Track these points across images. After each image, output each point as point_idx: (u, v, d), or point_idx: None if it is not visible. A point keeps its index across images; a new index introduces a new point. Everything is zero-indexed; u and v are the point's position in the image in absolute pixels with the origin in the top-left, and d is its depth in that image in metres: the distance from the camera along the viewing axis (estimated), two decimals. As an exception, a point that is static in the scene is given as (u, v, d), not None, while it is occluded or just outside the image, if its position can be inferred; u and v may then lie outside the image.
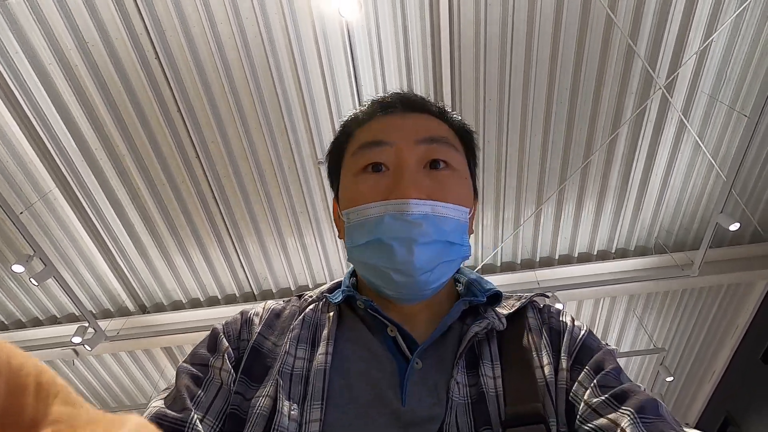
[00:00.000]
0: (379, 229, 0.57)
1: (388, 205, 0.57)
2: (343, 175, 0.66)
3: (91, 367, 4.86)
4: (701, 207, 4.21)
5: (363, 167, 0.62)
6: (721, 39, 3.38)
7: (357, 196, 0.61)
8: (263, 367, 0.57)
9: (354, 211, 0.60)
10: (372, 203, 0.58)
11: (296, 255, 4.31)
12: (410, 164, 0.60)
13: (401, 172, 0.59)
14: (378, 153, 0.61)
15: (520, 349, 0.59)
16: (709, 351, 5.31)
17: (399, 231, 0.56)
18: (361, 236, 0.59)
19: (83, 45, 3.14)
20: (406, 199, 0.56)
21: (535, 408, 0.51)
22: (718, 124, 3.78)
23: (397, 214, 0.56)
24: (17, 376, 0.18)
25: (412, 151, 0.61)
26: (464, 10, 3.20)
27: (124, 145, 3.57)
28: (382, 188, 0.59)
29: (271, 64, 3.29)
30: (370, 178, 0.61)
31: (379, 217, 0.57)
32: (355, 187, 0.62)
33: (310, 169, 3.83)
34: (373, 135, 0.63)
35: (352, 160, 0.64)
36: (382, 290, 0.62)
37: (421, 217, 0.56)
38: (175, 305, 4.57)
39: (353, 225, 0.60)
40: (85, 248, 4.09)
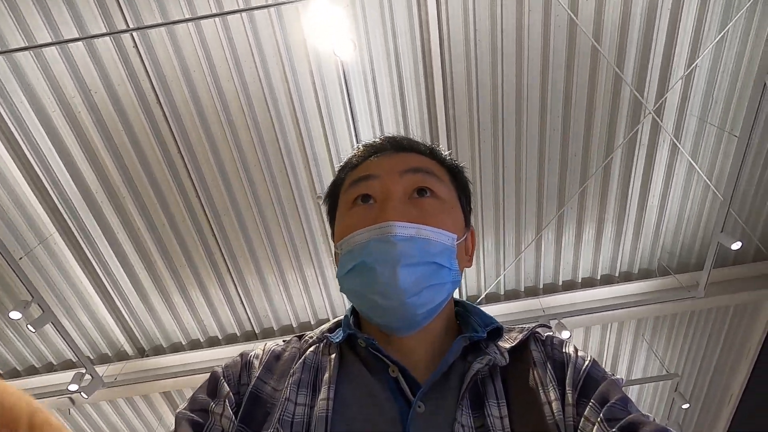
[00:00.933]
0: (364, 252, 0.58)
1: (372, 230, 0.58)
2: (338, 213, 0.69)
3: (87, 415, 4.70)
4: (701, 227, 4.21)
5: (353, 200, 0.65)
6: (705, 63, 3.49)
7: (347, 228, 0.62)
8: (262, 413, 0.56)
9: (344, 241, 0.61)
10: (359, 230, 0.60)
11: (297, 291, 4.26)
12: (395, 193, 0.62)
13: (386, 200, 0.61)
14: (365, 186, 0.64)
15: (526, 385, 0.57)
16: (723, 374, 5.16)
17: (382, 253, 0.57)
18: (348, 263, 0.60)
19: (86, 92, 3.23)
20: (390, 221, 0.57)
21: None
22: (710, 145, 3.84)
23: (381, 238, 0.57)
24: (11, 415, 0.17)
25: (397, 182, 0.63)
26: (454, 46, 3.31)
27: (125, 186, 3.60)
28: (370, 218, 0.60)
29: (269, 102, 3.38)
30: (359, 209, 0.63)
31: (365, 242, 0.58)
32: (346, 219, 0.64)
33: (309, 204, 3.85)
34: (359, 172, 0.67)
35: (344, 197, 0.67)
36: (373, 320, 0.61)
37: (405, 239, 0.57)
38: (174, 347, 4.48)
39: (343, 254, 0.62)
40: (84, 292, 4.05)
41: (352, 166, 0.71)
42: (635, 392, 5.21)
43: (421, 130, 3.63)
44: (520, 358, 0.61)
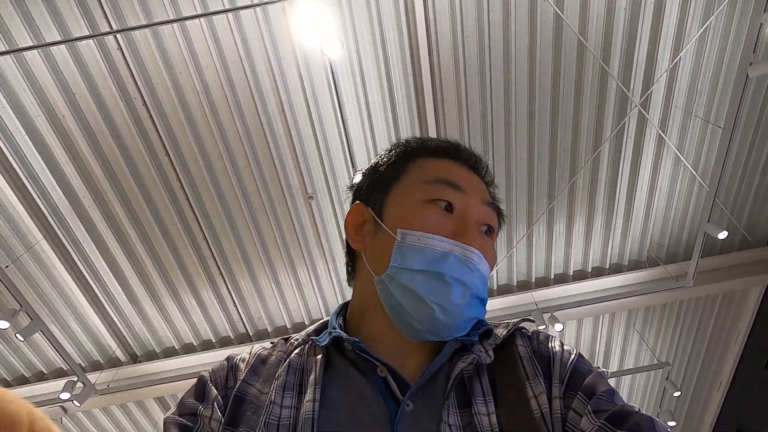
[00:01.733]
0: (443, 265, 0.58)
1: (456, 245, 0.60)
2: (401, 194, 0.66)
3: (80, 423, 4.64)
4: (688, 218, 4.28)
5: (433, 200, 0.63)
6: (689, 56, 3.54)
7: (421, 223, 0.61)
8: (247, 415, 0.56)
9: (416, 235, 0.60)
10: (439, 236, 0.60)
11: (290, 292, 4.24)
12: (475, 220, 0.64)
13: (468, 224, 0.63)
14: (453, 195, 0.64)
15: (513, 380, 0.58)
16: (713, 362, 5.26)
17: (462, 274, 0.59)
18: (418, 262, 0.59)
19: (70, 96, 3.18)
20: (474, 249, 0.60)
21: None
22: (695, 137, 3.90)
23: (462, 258, 0.59)
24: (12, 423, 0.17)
25: (478, 209, 0.65)
26: (442, 43, 3.32)
27: (112, 191, 3.56)
28: (448, 228, 0.61)
29: (258, 103, 3.36)
30: (439, 212, 0.62)
31: (444, 253, 0.59)
32: (420, 213, 0.62)
33: (301, 204, 3.83)
34: (452, 176, 0.66)
35: (423, 187, 0.65)
36: (409, 321, 0.59)
37: (478, 271, 0.60)
38: (167, 352, 4.44)
39: (410, 247, 0.60)
40: (73, 299, 3.99)
41: (428, 150, 0.70)
42: (627, 382, 5.29)
43: (410, 127, 3.63)
44: (506, 353, 0.61)
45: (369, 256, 0.65)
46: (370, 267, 0.64)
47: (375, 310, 0.64)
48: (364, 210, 0.68)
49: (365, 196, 0.70)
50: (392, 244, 0.61)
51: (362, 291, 0.68)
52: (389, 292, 0.60)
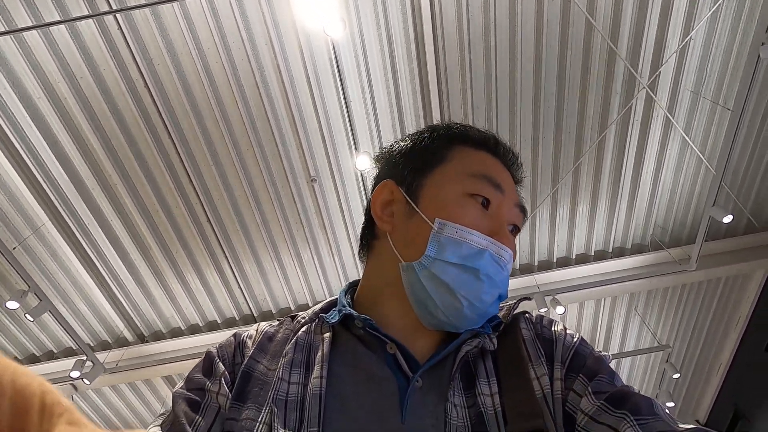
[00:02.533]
0: (479, 261, 0.60)
1: (492, 243, 0.61)
2: (440, 182, 0.65)
3: (90, 401, 4.76)
4: (693, 201, 4.25)
5: (473, 194, 0.63)
6: (699, 36, 3.46)
7: (461, 216, 0.61)
8: (255, 390, 0.56)
9: (455, 227, 0.60)
10: (478, 232, 0.61)
11: (294, 274, 4.28)
12: (508, 221, 0.66)
13: (503, 224, 0.64)
14: (493, 194, 0.64)
15: (516, 362, 0.58)
16: (713, 345, 5.30)
17: (494, 273, 0.61)
18: (454, 255, 0.59)
19: (71, 77, 3.15)
20: (509, 249, 0.63)
21: (538, 425, 0.51)
22: (703, 119, 3.84)
23: (496, 257, 0.61)
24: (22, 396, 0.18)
25: (511, 210, 0.66)
26: (447, 23, 3.25)
27: (116, 173, 3.56)
28: (485, 225, 0.62)
29: (260, 85, 3.32)
30: (477, 208, 0.63)
31: (481, 250, 0.60)
32: (460, 206, 0.62)
33: (304, 186, 3.83)
34: (493, 173, 0.66)
35: (465, 179, 0.64)
36: (433, 311, 0.60)
37: (507, 270, 0.63)
38: (174, 332, 4.51)
39: (447, 238, 0.60)
40: (80, 280, 4.05)
41: (468, 138, 0.70)
42: (628, 364, 5.35)
43: (414, 108, 3.59)
44: (510, 336, 0.62)
45: (397, 240, 0.64)
46: (398, 251, 0.63)
47: (393, 293, 0.63)
48: (396, 189, 0.67)
49: (398, 174, 0.68)
50: (427, 233, 0.60)
51: (380, 272, 0.67)
52: (418, 280, 0.60)
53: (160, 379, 4.68)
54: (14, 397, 0.17)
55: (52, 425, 0.19)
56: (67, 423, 0.19)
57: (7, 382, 0.17)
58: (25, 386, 0.18)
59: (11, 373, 0.17)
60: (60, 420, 0.19)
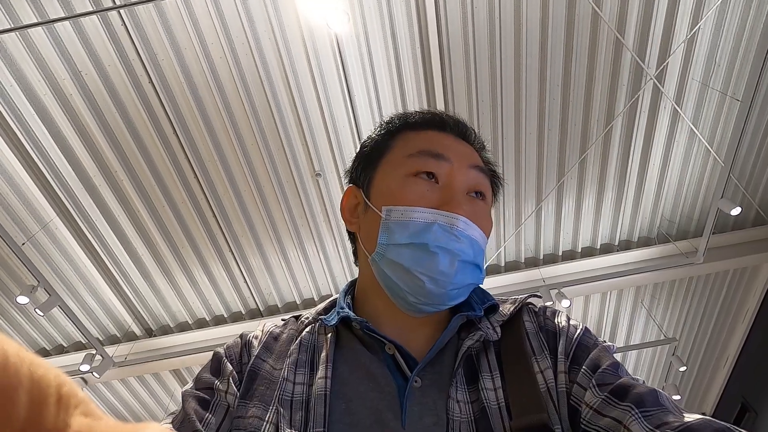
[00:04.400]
0: (427, 235, 0.58)
1: (439, 215, 0.59)
2: (385, 171, 0.66)
3: (100, 394, 4.83)
4: (701, 194, 4.21)
5: (416, 172, 0.62)
6: (708, 26, 3.40)
7: (404, 197, 0.61)
8: (261, 389, 0.57)
9: (399, 210, 0.60)
10: (422, 208, 0.60)
11: (300, 268, 4.30)
12: (461, 187, 0.63)
13: (454, 191, 0.62)
14: (436, 165, 0.63)
15: (520, 356, 0.58)
16: (720, 338, 5.27)
17: (447, 242, 0.58)
18: (402, 236, 0.59)
19: (77, 74, 3.17)
20: (460, 216, 0.59)
21: (542, 419, 0.50)
22: (712, 110, 3.79)
23: (446, 227, 0.58)
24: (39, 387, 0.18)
25: (464, 174, 0.64)
26: (451, 14, 3.23)
27: (122, 170, 3.58)
28: (433, 199, 0.61)
29: (264, 79, 3.32)
30: (422, 184, 0.62)
31: (427, 224, 0.59)
32: (403, 187, 0.62)
33: (308, 181, 3.84)
34: (433, 146, 0.64)
35: (405, 161, 0.64)
36: (403, 296, 0.61)
37: (466, 237, 0.59)
38: (181, 327, 4.56)
39: (394, 222, 0.60)
40: (88, 275, 4.09)
41: (410, 125, 0.69)
42: (634, 357, 5.34)
43: (418, 102, 3.57)
44: (513, 329, 0.62)
45: (362, 237, 0.66)
46: (364, 247, 0.65)
47: (375, 288, 0.65)
48: (357, 192, 0.69)
49: (356, 178, 0.71)
50: (379, 222, 0.61)
51: (363, 271, 0.69)
52: (381, 270, 0.61)
53: (168, 372, 4.74)
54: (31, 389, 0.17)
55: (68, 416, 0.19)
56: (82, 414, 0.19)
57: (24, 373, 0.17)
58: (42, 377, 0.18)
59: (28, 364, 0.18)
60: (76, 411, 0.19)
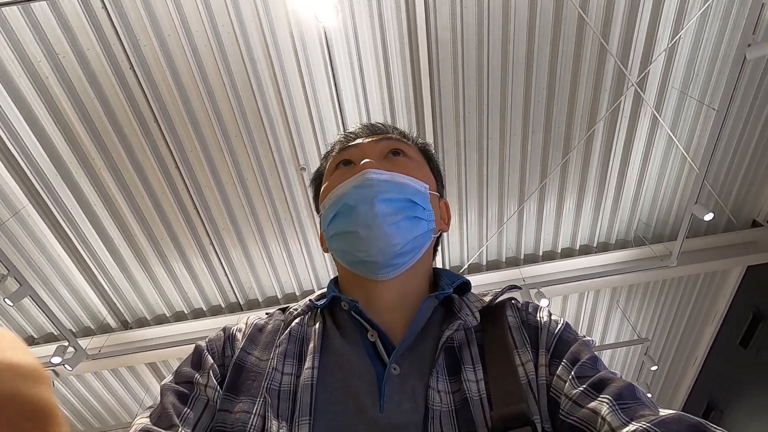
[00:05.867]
0: (345, 197, 0.64)
1: (351, 179, 0.65)
2: (323, 188, 0.73)
3: (72, 387, 4.71)
4: (677, 199, 4.33)
5: (335, 166, 0.72)
6: (688, 36, 3.49)
7: (328, 188, 0.69)
8: (247, 382, 0.57)
9: (327, 199, 0.67)
10: (339, 185, 0.66)
11: (282, 263, 4.27)
12: (372, 153, 0.70)
13: (363, 158, 0.68)
14: (346, 153, 0.72)
15: (502, 348, 0.59)
16: (690, 338, 5.45)
17: (362, 194, 0.63)
18: (330, 212, 0.66)
19: (53, 57, 3.06)
20: (366, 169, 0.65)
21: (521, 409, 0.52)
22: (689, 118, 3.90)
23: (359, 184, 0.64)
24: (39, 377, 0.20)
25: (373, 147, 0.71)
26: (440, 12, 3.23)
27: (100, 157, 3.49)
28: (350, 175, 0.67)
29: (249, 70, 3.27)
30: (340, 171, 0.70)
31: (345, 192, 0.65)
32: (328, 183, 0.70)
33: (293, 174, 3.80)
34: (347, 145, 0.74)
35: (328, 171, 0.74)
36: (356, 259, 0.64)
37: (381, 181, 0.64)
38: (158, 319, 4.47)
39: (326, 209, 0.67)
40: (62, 265, 3.97)
41: (335, 148, 0.78)
42: (608, 355, 5.48)
43: (405, 99, 3.58)
44: (496, 323, 0.63)
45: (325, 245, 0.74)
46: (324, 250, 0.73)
47: (347, 276, 0.69)
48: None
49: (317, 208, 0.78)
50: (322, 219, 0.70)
51: (340, 274, 0.74)
52: (334, 250, 0.68)
53: (144, 366, 4.65)
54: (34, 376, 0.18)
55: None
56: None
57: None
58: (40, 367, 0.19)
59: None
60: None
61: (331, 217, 0.66)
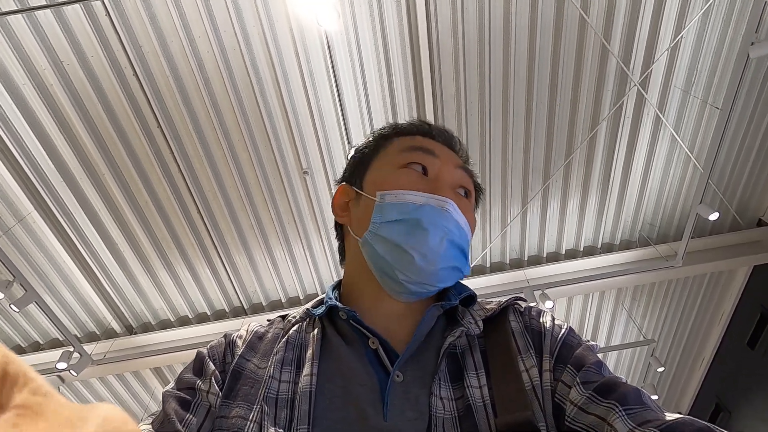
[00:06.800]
0: (419, 213, 0.62)
1: (430, 197, 0.63)
2: (379, 166, 0.70)
3: (78, 392, 4.73)
4: (681, 199, 4.31)
5: (408, 164, 0.67)
6: (691, 35, 3.48)
7: (398, 184, 0.65)
8: (245, 388, 0.57)
9: (393, 193, 0.63)
10: (415, 191, 0.63)
11: (285, 267, 4.27)
12: (449, 181, 0.68)
13: (442, 182, 0.66)
14: (426, 159, 0.68)
15: (505, 354, 0.58)
16: (697, 339, 5.41)
17: (438, 220, 0.62)
18: (395, 213, 0.62)
19: (58, 64, 3.09)
20: (449, 200, 0.64)
21: (527, 417, 0.51)
22: (693, 118, 3.89)
23: (437, 209, 0.62)
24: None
25: (452, 171, 0.69)
26: (441, 16, 3.24)
27: (104, 163, 3.51)
28: (425, 186, 0.65)
29: (252, 75, 3.28)
30: (414, 174, 0.66)
31: (419, 205, 0.62)
32: (396, 176, 0.66)
33: (296, 179, 3.81)
34: (423, 144, 0.70)
35: (397, 155, 0.68)
36: (392, 274, 0.62)
37: (456, 223, 0.63)
38: (163, 324, 4.48)
39: (388, 204, 0.63)
40: (67, 271, 3.99)
41: (399, 131, 0.74)
42: (614, 357, 5.44)
43: (407, 103, 3.58)
44: (499, 329, 0.62)
45: (353, 224, 0.69)
46: (354, 233, 0.67)
47: (364, 275, 0.66)
48: (348, 189, 0.72)
49: (348, 178, 0.74)
50: (372, 206, 0.64)
51: (351, 262, 0.70)
52: (373, 249, 0.63)
53: (149, 370, 4.66)
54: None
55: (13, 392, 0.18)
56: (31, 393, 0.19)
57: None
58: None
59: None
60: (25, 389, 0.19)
61: (393, 219, 0.62)
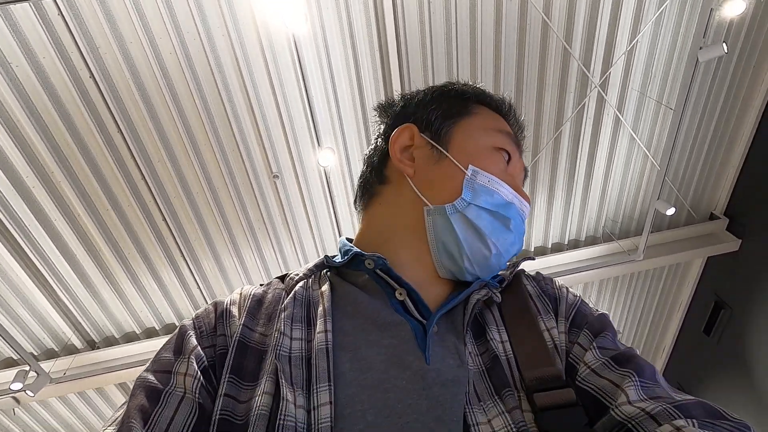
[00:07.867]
0: (510, 211, 0.63)
1: (516, 198, 0.65)
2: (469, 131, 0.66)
3: (35, 414, 4.45)
4: (641, 195, 4.51)
5: (499, 148, 0.66)
6: (645, 40, 3.66)
7: (489, 166, 0.64)
8: (255, 362, 0.51)
9: (486, 176, 0.62)
10: (507, 185, 0.64)
11: (256, 271, 4.18)
12: (520, 180, 0.72)
13: (519, 182, 0.70)
14: (514, 151, 0.69)
15: (524, 314, 0.58)
16: (658, 329, 5.67)
17: (518, 227, 0.65)
18: (488, 202, 0.61)
19: (5, 65, 2.90)
20: (527, 203, 0.67)
21: (556, 371, 0.50)
22: (649, 118, 4.08)
23: (520, 210, 0.65)
24: None
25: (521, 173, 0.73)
26: (408, 21, 3.26)
27: (59, 170, 3.32)
28: (508, 180, 0.65)
29: (217, 78, 3.20)
30: (503, 163, 0.67)
31: (508, 202, 0.63)
32: (489, 155, 0.65)
33: (265, 182, 3.74)
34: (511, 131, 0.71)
35: (487, 132, 0.67)
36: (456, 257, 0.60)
37: (525, 226, 0.67)
38: (128, 337, 4.29)
39: (480, 186, 0.61)
40: (19, 284, 3.75)
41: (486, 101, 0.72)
42: (582, 350, 5.63)
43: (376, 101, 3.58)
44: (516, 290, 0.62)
45: (421, 183, 0.63)
46: (423, 194, 0.61)
47: (409, 237, 0.62)
48: (418, 134, 0.66)
49: (421, 120, 0.68)
50: (460, 177, 0.61)
51: (393, 216, 0.65)
52: (448, 224, 0.59)
53: (113, 386, 4.44)
54: None
55: None
56: None
57: None
58: None
59: None
60: None
61: (486, 207, 0.60)
